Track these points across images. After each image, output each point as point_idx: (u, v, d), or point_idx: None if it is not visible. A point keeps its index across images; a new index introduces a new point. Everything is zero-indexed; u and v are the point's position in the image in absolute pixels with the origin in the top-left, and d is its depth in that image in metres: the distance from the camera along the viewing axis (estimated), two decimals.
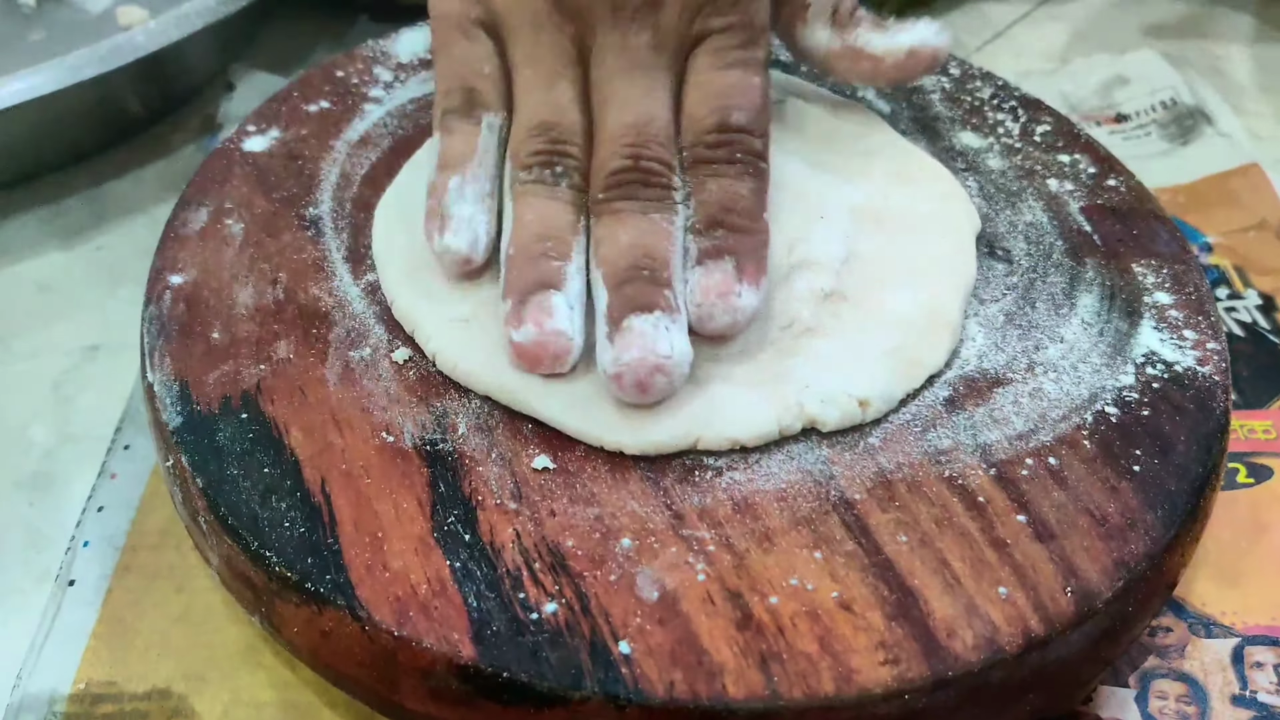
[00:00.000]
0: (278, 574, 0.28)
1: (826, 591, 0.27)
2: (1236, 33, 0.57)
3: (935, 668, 0.26)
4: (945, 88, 0.44)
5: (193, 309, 0.33)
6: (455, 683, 0.26)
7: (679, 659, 0.26)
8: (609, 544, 0.28)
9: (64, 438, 0.38)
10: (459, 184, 0.33)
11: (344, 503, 0.29)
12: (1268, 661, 0.34)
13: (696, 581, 0.27)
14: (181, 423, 0.31)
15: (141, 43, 0.43)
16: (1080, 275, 0.36)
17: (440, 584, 0.27)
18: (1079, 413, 0.32)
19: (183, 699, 0.31)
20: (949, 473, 0.30)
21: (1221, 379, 0.33)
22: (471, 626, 0.26)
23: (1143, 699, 0.33)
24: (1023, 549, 0.28)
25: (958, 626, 0.27)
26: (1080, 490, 0.30)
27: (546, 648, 0.26)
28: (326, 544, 0.28)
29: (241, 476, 0.29)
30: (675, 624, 0.26)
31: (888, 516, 0.29)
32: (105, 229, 0.46)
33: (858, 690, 0.25)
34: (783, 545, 0.28)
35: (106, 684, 0.32)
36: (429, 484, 0.29)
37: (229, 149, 0.39)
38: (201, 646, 0.32)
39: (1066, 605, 0.27)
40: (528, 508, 0.29)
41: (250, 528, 0.28)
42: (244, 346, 0.32)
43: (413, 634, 0.26)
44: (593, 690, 0.25)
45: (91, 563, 0.34)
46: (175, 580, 0.34)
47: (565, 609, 0.27)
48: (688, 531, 0.28)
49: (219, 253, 0.35)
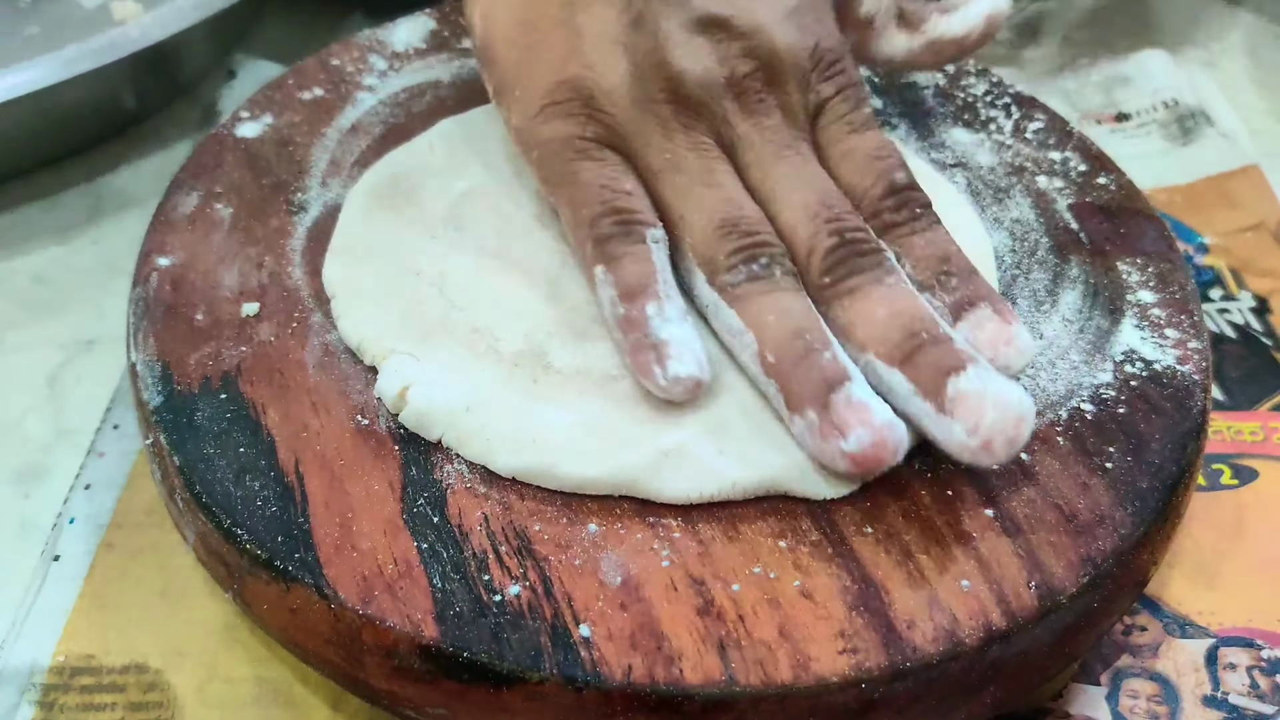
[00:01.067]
0: (249, 552, 0.28)
1: (789, 580, 0.27)
2: (1233, 27, 0.57)
3: (893, 658, 0.26)
4: (939, 83, 0.43)
5: (178, 291, 0.34)
6: (417, 661, 0.26)
7: (638, 643, 0.26)
8: (576, 529, 0.28)
9: (59, 431, 0.38)
10: (658, 308, 0.30)
11: (316, 484, 0.29)
12: (1241, 663, 0.33)
13: (660, 568, 0.27)
14: (161, 402, 0.31)
15: (136, 37, 0.43)
16: (1064, 272, 0.36)
17: (407, 565, 0.27)
18: (1054, 409, 0.32)
19: (159, 673, 0.32)
20: (919, 465, 0.30)
21: (1201, 378, 0.33)
22: (435, 607, 0.27)
23: (1113, 698, 0.33)
24: (989, 543, 0.28)
25: (918, 618, 0.27)
26: (1050, 486, 0.30)
27: (508, 629, 0.26)
28: (297, 523, 0.28)
29: (217, 455, 0.30)
30: (637, 609, 0.27)
31: (855, 508, 0.29)
32: (101, 223, 0.46)
33: (815, 678, 0.26)
34: (748, 534, 0.28)
35: (85, 657, 0.32)
36: (401, 467, 0.29)
37: (222, 134, 0.39)
38: (180, 623, 0.33)
39: (1029, 600, 0.27)
40: (497, 492, 0.29)
41: (224, 506, 0.29)
42: (226, 329, 0.33)
43: (377, 613, 0.26)
44: (551, 672, 0.26)
45: (77, 539, 0.35)
46: (158, 557, 0.34)
47: (529, 591, 0.27)
48: (654, 519, 0.29)
49: (207, 236, 0.36)
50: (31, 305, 0.43)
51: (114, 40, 0.42)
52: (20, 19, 0.49)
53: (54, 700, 0.31)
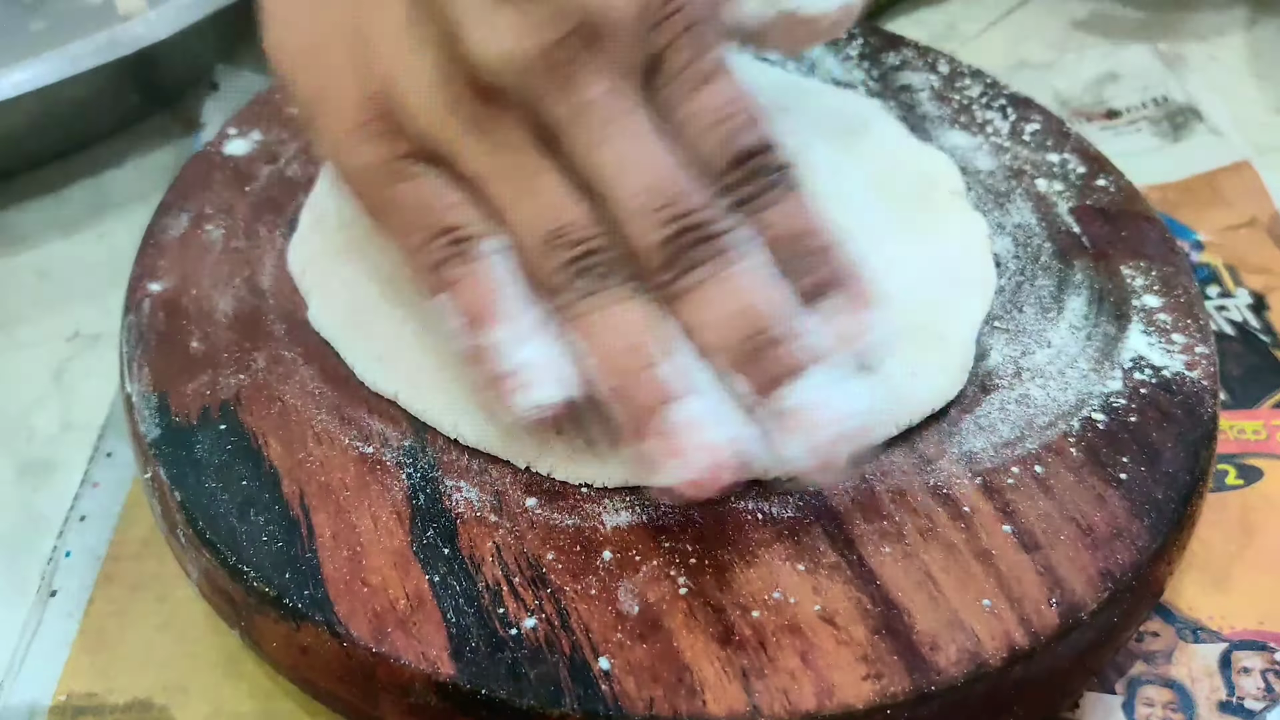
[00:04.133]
0: (256, 589, 0.27)
1: (809, 605, 0.27)
2: (1230, 18, 0.57)
3: (918, 682, 0.26)
4: (934, 85, 0.43)
5: (172, 317, 0.33)
6: (434, 699, 0.26)
7: (659, 675, 0.26)
8: (590, 557, 0.28)
9: (65, 425, 0.38)
10: (509, 330, 0.28)
11: (323, 516, 0.28)
12: (1255, 667, 0.33)
13: (678, 595, 0.27)
14: (159, 434, 0.30)
15: (142, 33, 0.43)
16: (1069, 278, 0.36)
17: (419, 599, 0.27)
18: (1066, 419, 0.31)
19: (164, 710, 0.31)
20: (934, 482, 0.30)
21: (1210, 384, 0.33)
22: (450, 643, 0.26)
23: (1129, 706, 0.33)
24: (1007, 560, 0.28)
25: (941, 640, 0.26)
26: (1066, 499, 0.29)
27: (526, 664, 0.26)
28: (304, 558, 0.28)
29: (220, 489, 0.29)
30: (656, 639, 0.26)
31: (871, 527, 0.29)
32: (106, 218, 0.46)
33: (840, 706, 0.25)
34: (765, 558, 0.28)
35: (87, 695, 0.31)
36: (408, 497, 0.29)
37: (209, 153, 0.38)
38: (183, 657, 0.32)
39: (1051, 617, 0.27)
40: (508, 520, 0.29)
41: (228, 542, 0.28)
42: (223, 355, 0.32)
43: (391, 651, 0.26)
44: (572, 707, 0.25)
45: (74, 573, 0.34)
46: (157, 590, 0.34)
47: (545, 624, 0.26)
48: (669, 543, 0.28)
49: (199, 259, 0.35)
50: (37, 300, 0.43)
51: (119, 36, 0.42)
52: (26, 15, 0.48)
53: None
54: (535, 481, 0.29)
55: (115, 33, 0.42)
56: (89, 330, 0.41)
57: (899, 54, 0.44)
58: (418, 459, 0.30)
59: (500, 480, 0.29)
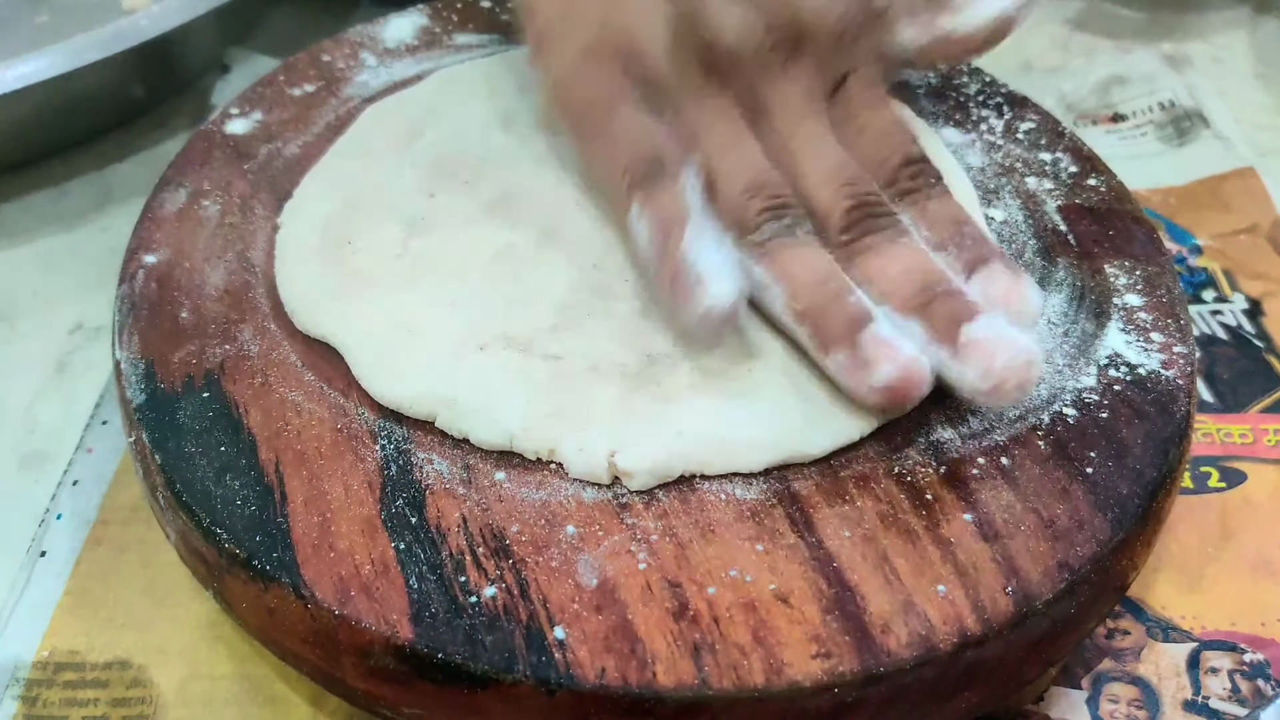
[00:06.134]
0: (227, 551, 0.28)
1: (764, 584, 0.27)
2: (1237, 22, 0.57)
3: (867, 663, 0.26)
4: (931, 82, 0.43)
5: (164, 288, 0.34)
6: (393, 662, 0.26)
7: (612, 646, 0.26)
8: (553, 530, 0.28)
9: (68, 417, 0.39)
10: (694, 235, 0.30)
11: (296, 483, 0.29)
12: (1223, 667, 0.33)
13: (637, 570, 0.28)
14: (144, 400, 0.31)
15: (146, 27, 0.43)
16: (1050, 275, 0.36)
17: (384, 565, 0.27)
18: (1036, 413, 0.32)
19: (142, 670, 0.32)
20: (899, 469, 0.30)
21: (1185, 383, 0.33)
22: (411, 608, 0.27)
23: (1094, 702, 0.33)
24: (966, 548, 0.28)
25: (893, 623, 0.27)
26: (1030, 491, 0.30)
27: (483, 631, 0.26)
28: (276, 523, 0.28)
29: (199, 454, 0.30)
30: (612, 611, 0.27)
31: (833, 511, 0.29)
32: (109, 211, 0.46)
33: (787, 683, 0.26)
34: (726, 537, 0.28)
35: (70, 653, 0.32)
36: (381, 467, 0.30)
37: (210, 131, 0.39)
38: (164, 619, 0.33)
39: (1006, 605, 0.27)
40: (476, 493, 0.29)
41: (204, 504, 0.29)
42: (211, 326, 0.33)
43: (353, 614, 0.27)
44: (525, 674, 0.26)
45: (64, 535, 0.35)
46: (143, 554, 0.35)
47: (504, 593, 0.27)
48: (632, 520, 0.29)
49: (194, 233, 0.36)
50: (40, 292, 0.43)
51: (123, 30, 0.43)
52: (30, 7, 0.49)
53: (37, 695, 0.31)
54: (506, 458, 0.30)
55: (120, 26, 0.42)
56: (91, 323, 0.42)
57: None
58: (393, 432, 0.30)
59: (472, 455, 0.30)
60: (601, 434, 0.29)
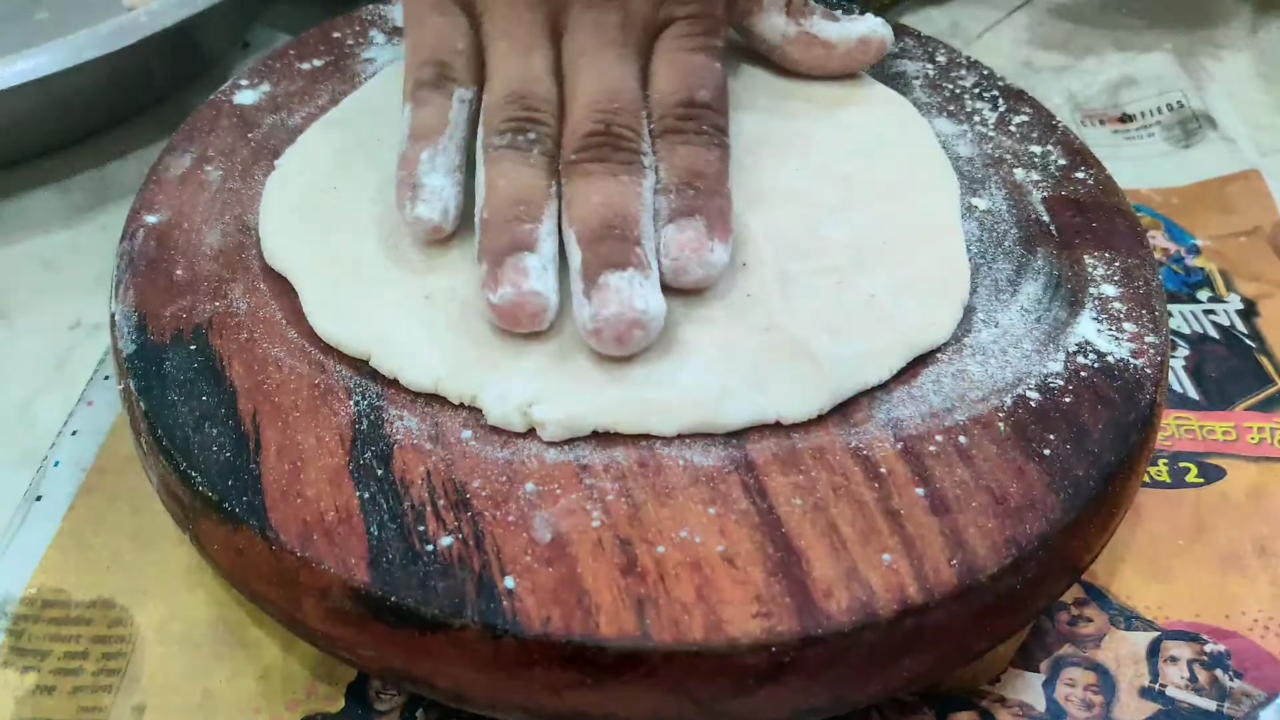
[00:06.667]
0: (201, 494, 0.29)
1: (713, 545, 0.28)
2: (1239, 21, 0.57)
3: (806, 624, 0.27)
4: (929, 74, 0.44)
5: (162, 247, 0.35)
6: (349, 604, 0.27)
7: (560, 597, 0.27)
8: (513, 487, 0.29)
9: (67, 415, 0.39)
10: (430, 155, 0.34)
11: (271, 433, 0.30)
12: (1183, 656, 0.34)
13: (590, 527, 0.28)
14: (134, 350, 0.32)
15: (146, 23, 0.43)
16: (1029, 264, 0.36)
17: (347, 512, 0.28)
18: (999, 395, 0.32)
19: (124, 609, 0.33)
20: (855, 443, 0.30)
21: (1154, 372, 0.33)
22: (369, 553, 0.28)
23: (1050, 684, 0.33)
24: (915, 520, 0.29)
25: (835, 588, 0.27)
26: (985, 469, 0.30)
27: (436, 578, 0.27)
28: (249, 469, 0.29)
29: (181, 403, 0.31)
30: (562, 564, 0.28)
31: (787, 480, 0.29)
32: (110, 207, 0.46)
33: (726, 639, 0.26)
34: (680, 500, 0.29)
35: (56, 590, 0.34)
36: (353, 421, 0.31)
37: (219, 100, 0.41)
38: (148, 564, 0.34)
39: (949, 576, 0.28)
40: (443, 449, 0.30)
41: (182, 450, 0.30)
42: (204, 284, 0.34)
43: (314, 556, 0.28)
44: (473, 619, 0.27)
45: (59, 482, 0.37)
46: (134, 502, 0.36)
47: (460, 544, 0.28)
48: (591, 481, 0.29)
49: (195, 196, 0.37)
50: (41, 289, 0.44)
51: (124, 26, 0.43)
52: (30, 4, 0.49)
53: (24, 629, 0.33)
54: (474, 417, 0.31)
55: (120, 22, 0.43)
56: (91, 320, 0.42)
57: (899, 43, 0.45)
58: (368, 389, 0.31)
59: (441, 413, 0.31)
60: (523, 385, 0.31)
